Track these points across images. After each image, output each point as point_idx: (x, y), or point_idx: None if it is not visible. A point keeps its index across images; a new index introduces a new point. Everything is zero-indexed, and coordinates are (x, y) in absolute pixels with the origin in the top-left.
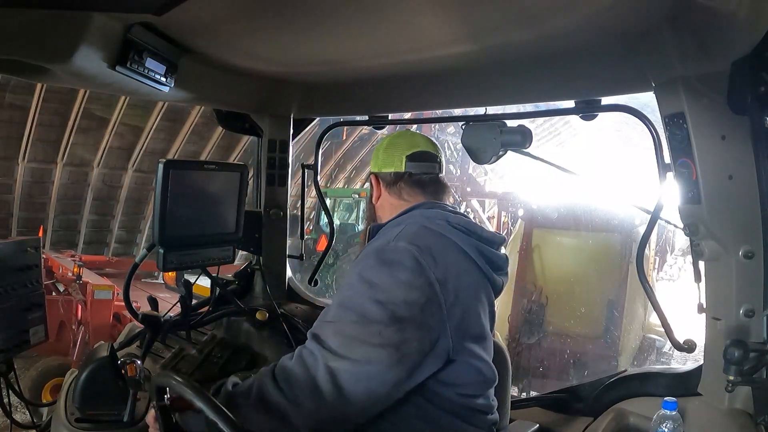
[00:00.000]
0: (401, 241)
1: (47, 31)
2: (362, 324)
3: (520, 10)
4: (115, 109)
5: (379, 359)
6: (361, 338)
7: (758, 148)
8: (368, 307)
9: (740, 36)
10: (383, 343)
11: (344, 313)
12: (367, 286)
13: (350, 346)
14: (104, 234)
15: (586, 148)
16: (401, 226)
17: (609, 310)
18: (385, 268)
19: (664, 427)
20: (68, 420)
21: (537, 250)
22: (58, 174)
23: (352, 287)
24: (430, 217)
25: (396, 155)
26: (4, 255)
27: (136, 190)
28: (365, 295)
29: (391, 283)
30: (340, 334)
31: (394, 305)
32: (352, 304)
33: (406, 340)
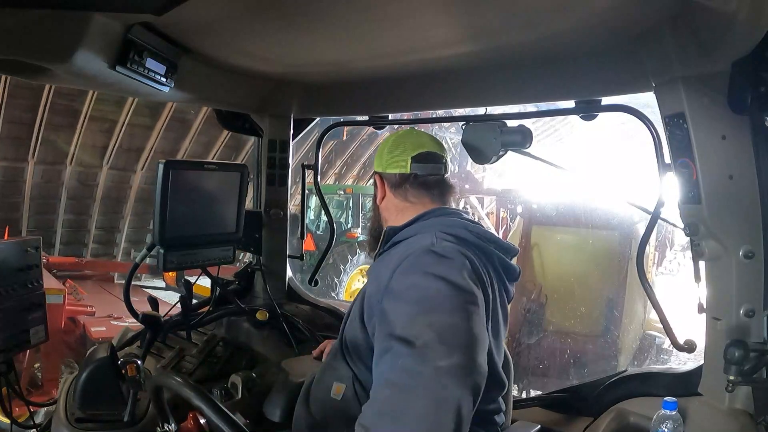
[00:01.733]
0: (444, 242)
1: (47, 31)
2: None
3: (521, 12)
4: (85, 103)
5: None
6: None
7: (758, 148)
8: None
9: (740, 36)
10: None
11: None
12: (435, 277)
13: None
14: (82, 234)
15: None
16: (430, 233)
17: (608, 308)
18: (445, 260)
19: (664, 427)
20: (68, 420)
21: (536, 248)
22: (30, 172)
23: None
24: (451, 225)
25: (401, 156)
26: (4, 255)
27: (113, 189)
28: (439, 284)
29: (455, 270)
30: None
31: (465, 292)
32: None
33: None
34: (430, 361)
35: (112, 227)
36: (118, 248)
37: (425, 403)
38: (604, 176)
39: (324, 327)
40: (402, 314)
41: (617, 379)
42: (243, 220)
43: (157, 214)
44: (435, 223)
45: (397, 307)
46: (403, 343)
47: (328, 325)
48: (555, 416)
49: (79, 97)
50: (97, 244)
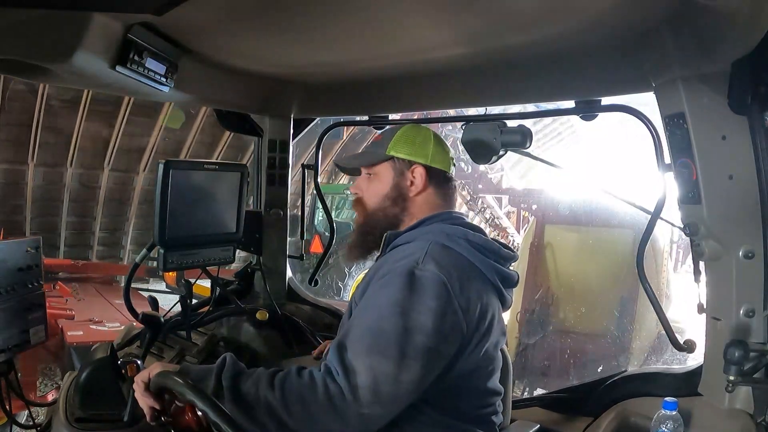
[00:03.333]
0: (429, 264)
1: (47, 31)
2: (396, 361)
3: (521, 13)
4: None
5: (405, 394)
6: (393, 377)
7: (758, 148)
8: (401, 339)
9: (740, 36)
10: (411, 379)
11: (376, 344)
12: (399, 313)
13: (383, 388)
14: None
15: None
16: (424, 243)
17: (622, 308)
18: (416, 295)
19: (664, 427)
20: (68, 420)
21: (549, 247)
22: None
23: (381, 311)
24: (451, 234)
25: (423, 147)
26: (4, 255)
27: (116, 191)
28: (398, 324)
29: (422, 311)
30: (373, 372)
31: (425, 336)
32: (383, 333)
33: (430, 370)
34: (356, 403)
35: (117, 229)
36: (124, 251)
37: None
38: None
39: (324, 327)
40: (356, 337)
41: (617, 379)
42: (243, 220)
43: (157, 214)
44: (436, 230)
45: (357, 326)
46: (342, 365)
47: (328, 325)
48: (555, 416)
49: (76, 98)
50: (103, 246)
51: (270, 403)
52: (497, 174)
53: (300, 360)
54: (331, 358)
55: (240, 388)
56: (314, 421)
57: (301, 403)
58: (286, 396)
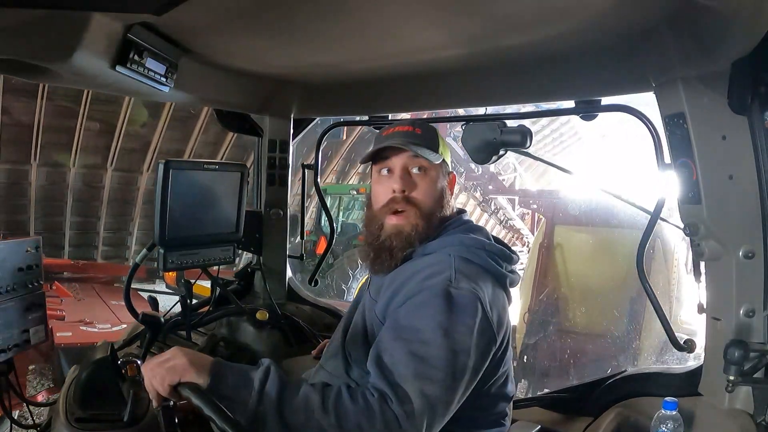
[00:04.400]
0: (462, 281)
1: (47, 31)
2: (445, 385)
3: (521, 14)
4: (81, 104)
5: (451, 412)
6: (444, 401)
7: (758, 148)
8: (447, 363)
9: (740, 36)
10: (458, 399)
11: (424, 369)
12: (443, 336)
13: (436, 412)
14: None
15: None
16: (448, 260)
17: (630, 308)
18: (455, 315)
19: (664, 427)
20: (68, 420)
21: (559, 248)
22: (34, 175)
23: (424, 334)
24: (470, 246)
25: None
26: (4, 255)
27: (120, 191)
28: (442, 347)
29: (463, 331)
30: (425, 398)
31: (467, 356)
32: (429, 357)
33: (470, 387)
34: (414, 429)
35: (122, 229)
36: (129, 251)
37: None
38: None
39: (324, 327)
40: (401, 362)
41: (617, 379)
42: (243, 220)
43: (157, 214)
44: (455, 243)
45: (398, 349)
46: (393, 390)
47: (328, 325)
48: (555, 416)
49: (76, 98)
50: (108, 247)
51: (322, 427)
52: (511, 175)
53: (300, 360)
54: (379, 383)
55: (286, 408)
56: None
57: (358, 429)
58: (342, 422)
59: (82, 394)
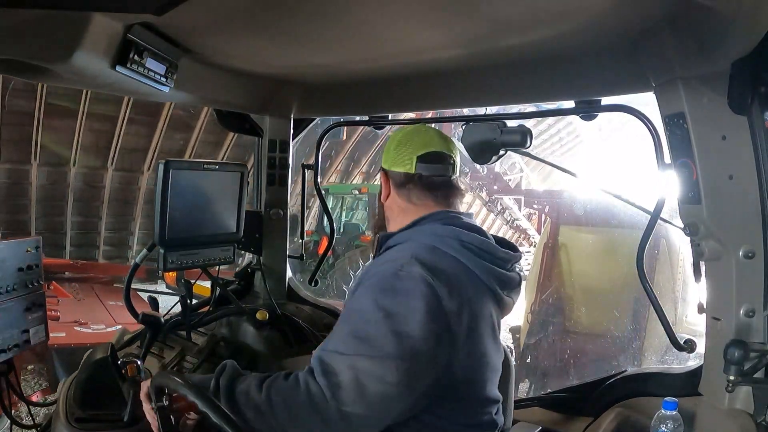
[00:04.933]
0: (415, 266)
1: (47, 31)
2: (379, 360)
3: (521, 14)
4: (80, 103)
5: (393, 396)
6: (377, 376)
7: (758, 148)
8: (385, 340)
9: (740, 36)
10: (398, 380)
11: (359, 346)
12: (383, 315)
13: (366, 386)
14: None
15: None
16: (413, 244)
17: (635, 309)
18: (401, 296)
19: (664, 427)
20: (68, 420)
21: (563, 248)
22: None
23: (365, 314)
24: (442, 235)
25: (407, 154)
26: (4, 255)
27: (121, 191)
28: (382, 325)
29: (408, 313)
30: (354, 371)
31: (411, 339)
32: (367, 336)
33: (422, 373)
34: (336, 401)
35: (123, 229)
36: (131, 251)
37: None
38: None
39: (324, 327)
40: (339, 339)
41: (617, 379)
42: (243, 220)
43: (157, 214)
44: (426, 232)
45: (341, 329)
46: (322, 365)
47: (328, 325)
48: (555, 416)
49: (75, 98)
50: (109, 247)
51: (258, 406)
52: (517, 175)
53: (300, 360)
54: (313, 360)
55: (234, 391)
56: (298, 421)
57: (284, 404)
58: (271, 398)
59: (82, 394)
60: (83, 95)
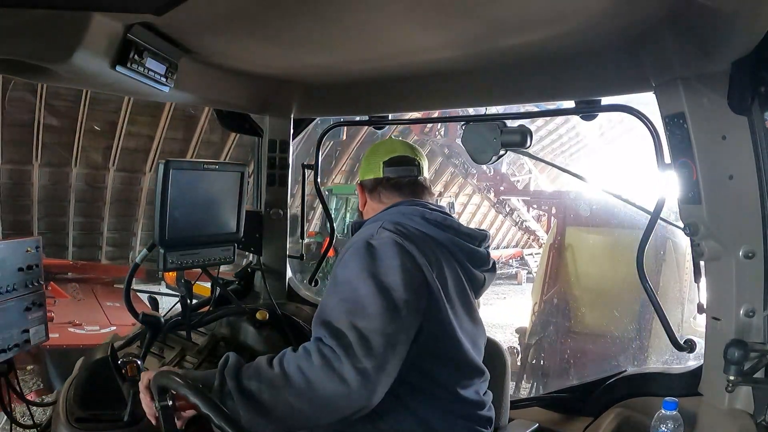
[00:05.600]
0: (383, 233)
1: (47, 31)
2: (374, 316)
3: (521, 15)
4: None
5: (394, 344)
6: (377, 329)
7: (758, 148)
8: (375, 298)
9: (740, 36)
10: (395, 329)
11: (354, 308)
12: (369, 277)
13: (370, 340)
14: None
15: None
16: (379, 222)
17: (640, 311)
18: (378, 259)
19: (664, 427)
20: (68, 420)
21: (569, 249)
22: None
23: (351, 281)
24: (406, 213)
25: (374, 162)
26: (4, 255)
27: (123, 191)
28: (368, 286)
29: (388, 272)
30: (356, 329)
31: (395, 291)
32: (358, 298)
33: (412, 322)
34: (349, 358)
35: (126, 230)
36: (134, 251)
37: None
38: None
39: None
40: (334, 307)
41: (617, 379)
42: (243, 220)
43: (157, 214)
44: (392, 212)
45: (331, 300)
46: (328, 329)
47: None
48: (555, 416)
49: (77, 98)
50: (112, 247)
51: (271, 381)
52: (526, 176)
53: None
54: (316, 330)
55: (243, 380)
56: (316, 387)
57: (300, 372)
58: (286, 370)
59: (82, 394)
60: (84, 95)
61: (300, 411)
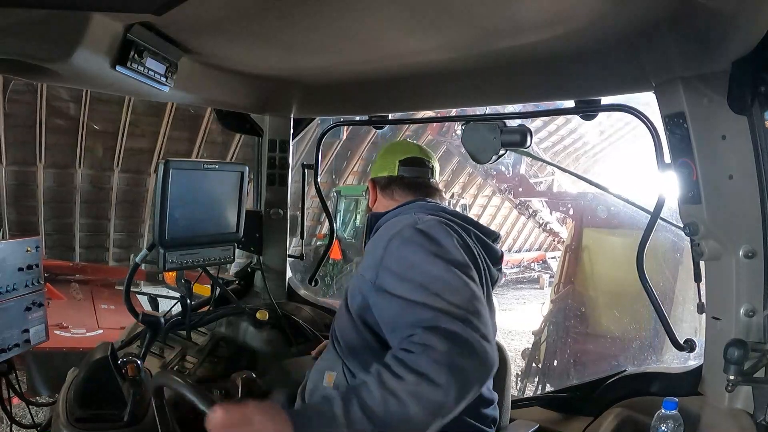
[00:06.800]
0: (425, 216)
1: (47, 31)
2: (462, 284)
3: (521, 16)
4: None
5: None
6: (470, 294)
7: (758, 148)
8: (452, 272)
9: (740, 36)
10: (477, 290)
11: (440, 286)
12: (433, 257)
13: (479, 311)
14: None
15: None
16: (411, 211)
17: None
18: (431, 240)
19: (664, 427)
20: (68, 420)
21: (586, 250)
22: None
23: (416, 268)
24: (429, 208)
25: (390, 161)
26: (4, 255)
27: (129, 192)
28: (439, 264)
29: (445, 251)
30: (459, 303)
31: (464, 266)
32: (437, 278)
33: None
34: (476, 331)
35: (132, 231)
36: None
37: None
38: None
39: (324, 327)
40: (417, 299)
41: (617, 379)
42: (243, 220)
43: (157, 214)
44: (414, 206)
45: (407, 295)
46: (431, 317)
47: (328, 325)
48: (555, 416)
49: (77, 99)
50: (119, 249)
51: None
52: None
53: (300, 360)
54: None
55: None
56: (459, 369)
57: (438, 366)
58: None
59: (82, 394)
60: (85, 96)
61: (446, 403)
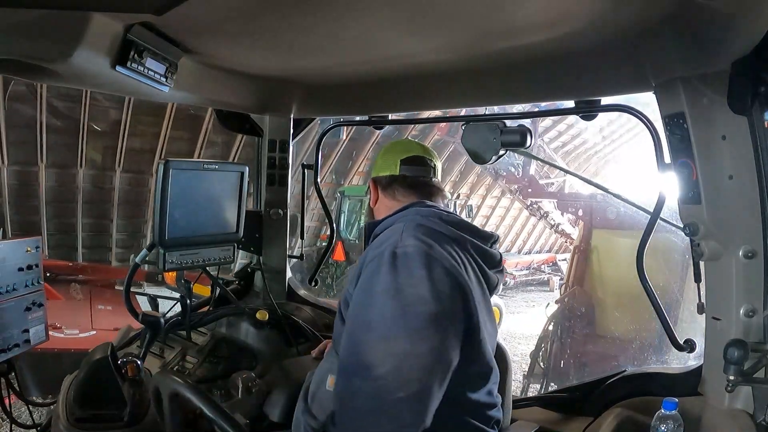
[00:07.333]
0: (408, 239)
1: (47, 31)
2: (405, 336)
3: (521, 16)
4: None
5: (435, 362)
6: (409, 351)
7: (758, 148)
8: (403, 317)
9: (740, 36)
10: (432, 346)
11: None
12: (392, 296)
13: (404, 365)
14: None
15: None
16: (400, 224)
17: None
18: (403, 270)
19: (664, 427)
20: (68, 420)
21: (595, 252)
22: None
23: (375, 299)
24: (425, 214)
25: (391, 160)
26: (4, 255)
27: (131, 192)
28: (394, 306)
29: (414, 283)
30: (391, 357)
31: (425, 304)
32: (385, 320)
33: (448, 334)
34: (388, 392)
35: (135, 231)
36: None
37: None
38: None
39: (324, 327)
40: (363, 333)
41: (617, 379)
42: (243, 220)
43: (157, 214)
44: (410, 213)
45: (358, 323)
46: (361, 366)
47: (328, 325)
48: (555, 416)
49: (78, 99)
50: (122, 249)
51: None
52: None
53: (300, 360)
54: (345, 365)
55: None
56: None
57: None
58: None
59: (82, 394)
60: (85, 96)
61: None
